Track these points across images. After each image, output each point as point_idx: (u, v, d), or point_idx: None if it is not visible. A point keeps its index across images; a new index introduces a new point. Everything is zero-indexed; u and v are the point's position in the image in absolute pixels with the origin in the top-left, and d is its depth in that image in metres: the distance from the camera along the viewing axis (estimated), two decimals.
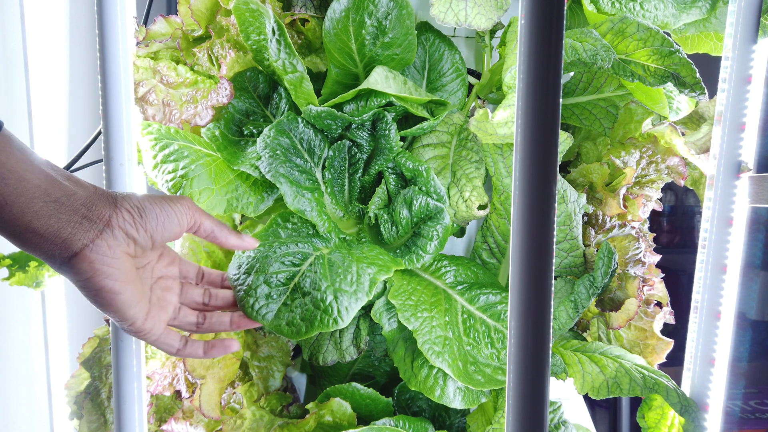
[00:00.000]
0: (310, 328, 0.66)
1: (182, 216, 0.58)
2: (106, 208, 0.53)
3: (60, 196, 0.51)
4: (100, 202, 0.53)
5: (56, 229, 0.51)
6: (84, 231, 0.52)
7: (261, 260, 0.69)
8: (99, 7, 0.65)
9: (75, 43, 1.11)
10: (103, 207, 0.53)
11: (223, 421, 0.78)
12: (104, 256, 0.52)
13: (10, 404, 0.99)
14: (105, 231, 0.52)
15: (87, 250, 0.52)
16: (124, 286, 0.54)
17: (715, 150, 0.78)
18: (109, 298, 0.54)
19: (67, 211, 0.51)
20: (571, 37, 0.74)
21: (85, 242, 0.51)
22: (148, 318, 0.58)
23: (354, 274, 0.71)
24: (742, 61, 0.76)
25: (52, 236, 0.50)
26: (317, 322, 0.66)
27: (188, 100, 0.79)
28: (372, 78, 0.75)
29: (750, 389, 1.98)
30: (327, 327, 0.66)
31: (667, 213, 2.28)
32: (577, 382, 0.76)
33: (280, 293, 0.67)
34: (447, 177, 0.83)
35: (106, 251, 0.52)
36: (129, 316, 0.55)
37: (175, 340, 0.61)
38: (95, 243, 0.52)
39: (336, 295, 0.68)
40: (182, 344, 0.62)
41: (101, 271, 0.52)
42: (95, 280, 0.53)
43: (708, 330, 0.78)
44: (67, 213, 0.51)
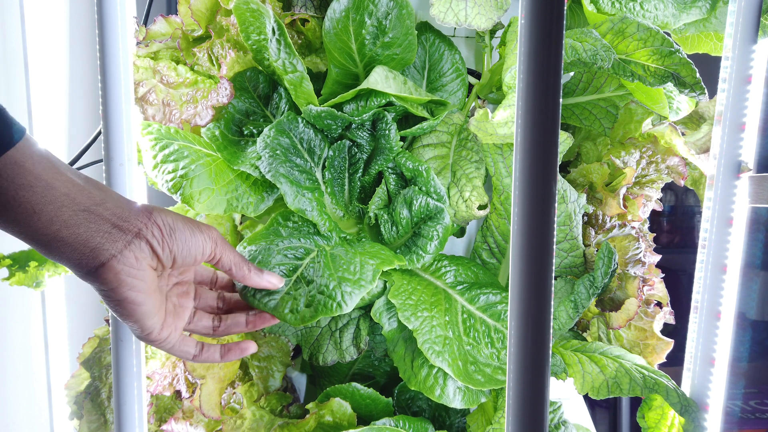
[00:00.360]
0: (314, 314, 0.66)
1: (207, 245, 0.59)
2: (139, 218, 0.53)
3: (90, 205, 0.51)
4: (132, 213, 0.53)
5: (84, 239, 0.50)
6: (113, 241, 0.51)
7: (263, 252, 0.69)
8: (99, 7, 0.65)
9: (75, 43, 1.11)
10: (135, 218, 0.53)
11: (223, 421, 0.78)
12: (131, 267, 0.52)
13: (10, 404, 0.99)
14: (133, 242, 0.52)
15: (114, 261, 0.51)
16: (146, 297, 0.54)
17: (715, 150, 0.78)
18: (130, 309, 0.54)
19: (96, 221, 0.51)
20: (571, 37, 0.74)
21: (113, 252, 0.51)
22: (164, 327, 0.58)
23: (357, 264, 0.71)
24: (742, 61, 0.76)
25: (80, 246, 0.50)
26: (321, 307, 0.66)
27: (188, 100, 0.79)
28: (372, 78, 0.75)
29: (750, 389, 1.98)
30: (331, 311, 0.66)
31: (667, 213, 2.28)
32: (577, 382, 0.76)
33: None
34: (447, 177, 0.83)
35: (133, 263, 0.52)
36: (147, 327, 0.56)
37: (191, 346, 0.61)
38: (123, 254, 0.52)
39: (339, 282, 0.68)
40: (198, 350, 0.62)
41: (126, 283, 0.52)
42: (120, 291, 0.52)
43: (708, 330, 0.78)
44: (96, 222, 0.51)
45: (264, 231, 0.73)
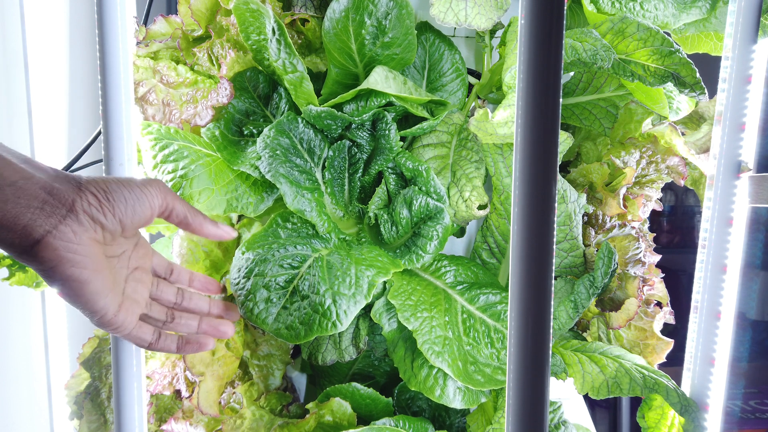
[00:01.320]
0: (309, 333, 0.66)
1: (153, 198, 0.55)
2: (69, 191, 0.50)
3: (16, 180, 0.47)
4: (63, 185, 0.49)
5: (13, 216, 0.47)
6: (45, 216, 0.48)
7: (260, 263, 0.69)
8: (99, 7, 0.65)
9: (75, 43, 1.11)
10: (65, 191, 0.49)
11: (223, 421, 0.78)
12: (69, 242, 0.49)
13: (10, 404, 0.99)
14: (69, 216, 0.49)
15: (50, 237, 0.48)
16: (93, 275, 0.50)
17: (715, 150, 0.78)
18: (76, 288, 0.50)
19: (24, 196, 0.47)
20: (571, 37, 0.74)
21: (47, 228, 0.48)
22: (121, 310, 0.54)
23: (353, 276, 0.71)
24: (742, 61, 0.76)
25: (10, 223, 0.47)
26: (316, 326, 0.67)
27: (188, 100, 0.79)
28: (372, 78, 0.75)
29: (750, 389, 1.98)
30: (326, 331, 0.66)
31: (667, 213, 2.28)
32: (577, 382, 0.76)
33: (279, 296, 0.68)
34: (447, 177, 0.83)
35: (71, 237, 0.49)
36: (99, 308, 0.52)
37: (147, 333, 0.58)
38: (58, 229, 0.48)
39: (335, 298, 0.68)
40: (155, 338, 0.59)
41: (66, 259, 0.49)
42: (60, 269, 0.49)
43: (708, 330, 0.78)
44: (26, 198, 0.47)
45: (262, 233, 0.73)
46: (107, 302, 0.53)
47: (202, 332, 0.63)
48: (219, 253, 0.82)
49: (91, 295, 0.51)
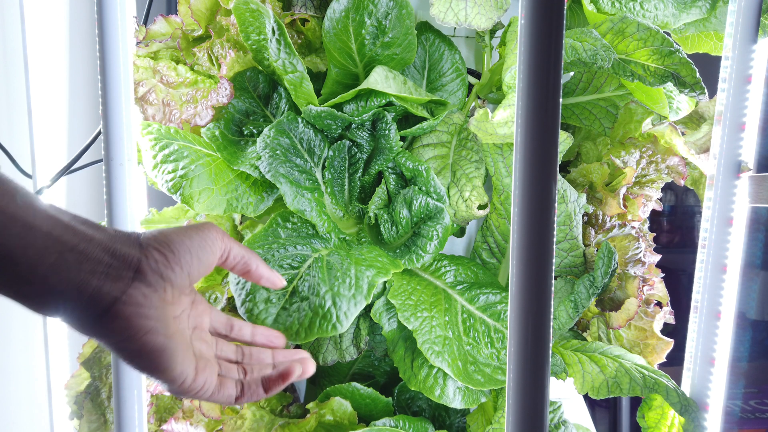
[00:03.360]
0: (309, 334, 0.66)
1: (213, 243, 0.51)
2: (133, 251, 0.45)
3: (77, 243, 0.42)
4: (124, 245, 0.45)
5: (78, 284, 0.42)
6: (112, 282, 0.43)
7: None
8: (99, 7, 0.65)
9: (75, 43, 1.11)
10: (128, 250, 0.45)
11: (224, 421, 0.78)
12: (141, 307, 0.44)
13: (10, 404, 0.99)
14: (136, 278, 0.44)
15: (120, 305, 0.43)
16: (167, 340, 0.46)
17: (715, 150, 0.78)
18: (153, 358, 0.45)
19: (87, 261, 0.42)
20: (571, 37, 0.74)
21: (115, 295, 0.43)
22: (198, 373, 0.49)
23: (352, 277, 0.71)
24: (742, 61, 0.76)
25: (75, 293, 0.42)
26: (316, 328, 0.66)
27: (188, 100, 0.79)
28: (372, 78, 0.75)
29: (750, 389, 1.98)
30: (326, 333, 0.66)
31: (667, 213, 2.28)
32: (577, 382, 0.76)
33: (279, 297, 0.67)
34: (447, 177, 0.83)
35: (142, 301, 0.44)
36: (177, 375, 0.47)
37: (231, 388, 0.53)
38: (127, 294, 0.44)
39: (334, 300, 0.68)
40: (240, 391, 0.53)
41: (140, 327, 0.44)
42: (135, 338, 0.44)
43: (708, 330, 0.78)
44: (89, 263, 0.42)
45: (262, 233, 0.73)
46: (184, 368, 0.48)
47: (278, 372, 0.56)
48: None
49: (168, 363, 0.46)
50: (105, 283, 0.43)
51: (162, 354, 0.46)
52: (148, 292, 0.45)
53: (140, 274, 0.45)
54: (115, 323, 0.43)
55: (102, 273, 0.43)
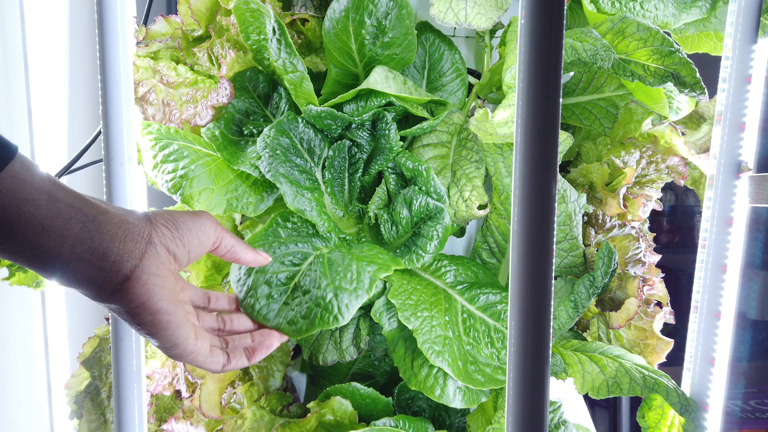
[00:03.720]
0: (311, 326, 0.66)
1: (209, 229, 0.55)
2: (143, 224, 0.49)
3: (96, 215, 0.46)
4: (135, 219, 0.49)
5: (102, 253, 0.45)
6: (130, 251, 0.47)
7: None
8: (99, 7, 0.65)
9: (75, 43, 1.11)
10: (140, 224, 0.49)
11: (224, 421, 0.78)
12: (155, 275, 0.48)
13: (10, 404, 0.99)
14: (149, 248, 0.48)
15: (138, 271, 0.47)
16: (175, 306, 0.50)
17: (715, 150, 0.78)
18: (165, 321, 0.49)
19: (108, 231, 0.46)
20: (571, 37, 0.74)
21: (134, 263, 0.47)
22: (198, 337, 0.54)
23: (354, 272, 0.71)
24: (742, 61, 0.76)
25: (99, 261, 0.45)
26: (318, 320, 0.66)
27: (188, 100, 0.80)
28: (372, 78, 0.75)
29: (750, 389, 1.98)
30: (328, 324, 0.66)
31: (667, 213, 2.28)
32: (577, 382, 0.76)
33: (281, 293, 0.68)
34: (447, 177, 0.83)
35: (156, 270, 0.48)
36: (182, 339, 0.51)
37: (220, 356, 0.57)
38: (143, 262, 0.47)
39: (336, 293, 0.68)
40: (226, 359, 0.58)
41: (155, 292, 0.48)
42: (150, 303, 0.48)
43: (708, 330, 0.78)
44: (108, 233, 0.46)
45: (263, 232, 0.73)
46: (188, 331, 0.52)
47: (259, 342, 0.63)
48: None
49: (176, 327, 0.50)
50: (124, 252, 0.46)
51: (172, 319, 0.50)
52: (159, 263, 0.49)
53: (152, 246, 0.49)
54: (134, 289, 0.47)
55: (120, 242, 0.46)
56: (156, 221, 0.51)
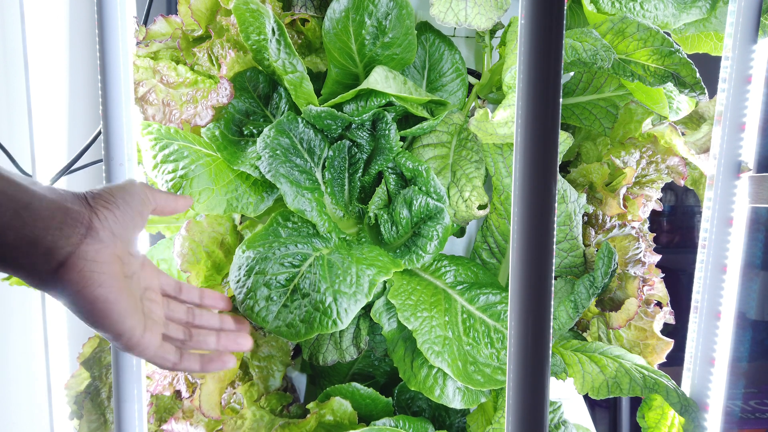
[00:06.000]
0: (310, 330, 0.66)
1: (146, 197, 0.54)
2: (83, 209, 0.48)
3: (30, 201, 0.44)
4: (74, 203, 0.47)
5: (33, 240, 0.44)
6: (66, 237, 0.45)
7: (260, 262, 0.69)
8: (99, 7, 0.65)
9: (75, 43, 1.11)
10: (79, 208, 0.47)
11: (224, 421, 0.78)
12: (93, 261, 0.46)
13: (10, 404, 0.99)
14: (89, 234, 0.47)
15: (74, 258, 0.46)
16: (118, 295, 0.48)
17: (715, 150, 0.78)
18: (104, 310, 0.48)
19: (41, 218, 0.45)
20: (571, 37, 0.74)
21: (69, 249, 0.45)
22: (146, 330, 0.52)
23: (353, 275, 0.71)
24: (742, 61, 0.76)
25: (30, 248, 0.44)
26: (317, 324, 0.66)
27: (188, 100, 0.79)
28: (372, 78, 0.75)
29: (750, 389, 1.98)
30: (326, 329, 0.66)
31: (667, 213, 2.28)
32: (577, 382, 0.76)
33: (280, 295, 0.68)
34: (447, 177, 0.83)
35: (95, 256, 0.47)
36: (126, 330, 0.50)
37: (170, 353, 0.55)
38: (80, 249, 0.46)
39: (335, 296, 0.68)
40: (178, 358, 0.56)
41: (92, 280, 0.46)
42: (87, 291, 0.46)
43: (708, 330, 0.78)
44: (42, 220, 0.45)
45: (263, 232, 0.73)
46: (133, 323, 0.50)
47: (222, 347, 0.61)
48: (221, 254, 0.82)
49: (118, 317, 0.49)
50: (59, 238, 0.45)
51: (113, 307, 0.48)
52: (100, 248, 0.47)
53: (92, 231, 0.47)
54: (69, 276, 0.45)
55: (56, 229, 0.45)
56: (96, 204, 0.49)
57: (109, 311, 0.48)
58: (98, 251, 0.47)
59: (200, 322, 0.62)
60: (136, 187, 0.54)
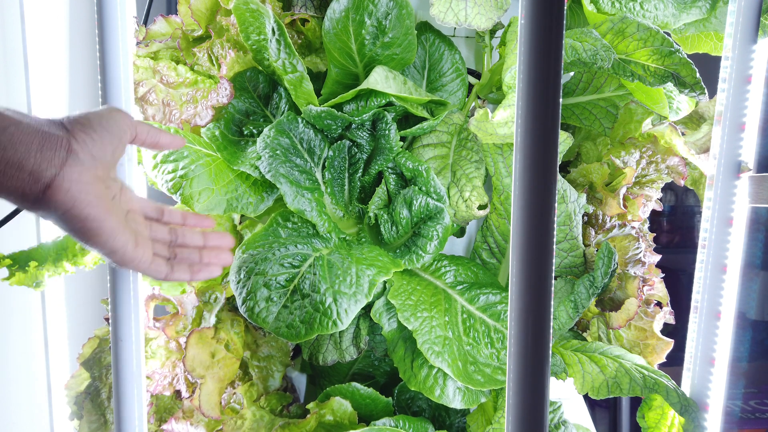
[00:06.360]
0: (310, 331, 0.66)
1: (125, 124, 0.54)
2: (61, 133, 0.49)
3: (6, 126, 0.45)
4: (51, 128, 0.48)
5: (18, 162, 0.45)
6: (48, 160, 0.47)
7: (260, 262, 0.69)
8: (99, 7, 0.65)
9: (75, 43, 1.11)
10: (56, 133, 0.48)
11: (224, 421, 0.78)
12: (78, 182, 0.48)
13: (10, 404, 0.99)
14: (69, 157, 0.48)
15: (59, 179, 0.47)
16: (107, 213, 0.50)
17: (715, 150, 0.78)
18: (96, 227, 0.50)
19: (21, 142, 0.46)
20: (571, 37, 0.74)
21: (53, 171, 0.47)
22: (138, 245, 0.54)
23: (353, 275, 0.71)
24: (742, 61, 0.76)
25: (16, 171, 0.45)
26: (317, 325, 0.66)
27: (188, 100, 0.79)
28: (372, 78, 0.75)
29: (750, 389, 1.98)
30: (327, 329, 0.66)
31: (667, 213, 2.28)
32: (577, 382, 0.76)
33: (280, 295, 0.68)
34: (447, 177, 0.83)
35: (78, 177, 0.48)
36: (120, 245, 0.52)
37: (162, 265, 0.58)
38: (64, 170, 0.47)
39: (335, 297, 0.68)
40: (170, 269, 0.59)
41: (80, 199, 0.48)
42: (77, 210, 0.48)
43: (708, 330, 0.78)
44: (22, 144, 0.46)
45: (263, 232, 0.73)
46: (125, 238, 0.53)
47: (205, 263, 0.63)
48: None
49: (111, 232, 0.51)
50: (41, 161, 0.46)
51: (104, 225, 0.50)
52: (82, 170, 0.48)
53: (72, 154, 0.48)
54: (57, 197, 0.47)
55: (37, 152, 0.46)
56: (73, 128, 0.50)
57: (101, 228, 0.50)
58: (81, 173, 0.48)
59: (183, 241, 0.63)
60: (114, 113, 0.55)
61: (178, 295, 0.81)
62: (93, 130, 0.51)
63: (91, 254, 0.82)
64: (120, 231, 0.52)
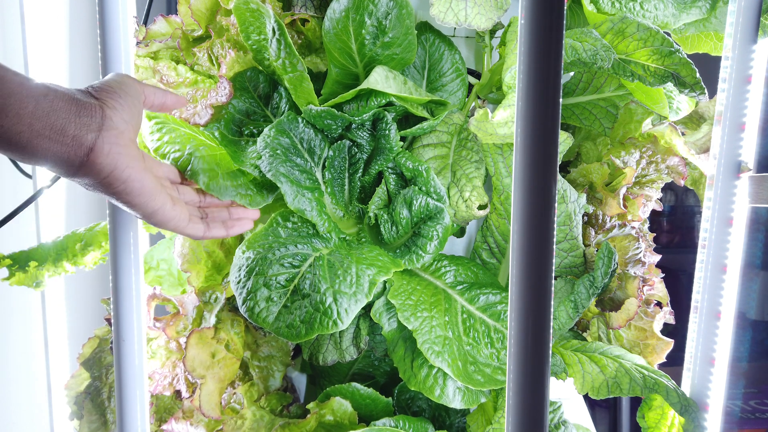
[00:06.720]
0: (310, 331, 0.66)
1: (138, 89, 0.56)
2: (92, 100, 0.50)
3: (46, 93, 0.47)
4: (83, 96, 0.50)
5: (61, 127, 0.46)
6: (86, 125, 0.48)
7: (260, 262, 0.69)
8: (99, 7, 0.65)
9: (75, 43, 1.11)
10: (89, 100, 0.50)
11: (224, 421, 0.78)
12: (116, 145, 0.49)
13: (10, 404, 0.99)
14: (105, 122, 0.49)
15: (100, 142, 0.48)
16: (145, 174, 0.52)
17: (715, 150, 0.78)
18: (138, 187, 0.51)
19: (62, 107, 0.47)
20: (571, 37, 0.74)
21: (94, 135, 0.48)
22: (176, 204, 0.56)
23: (353, 275, 0.71)
24: (742, 61, 0.76)
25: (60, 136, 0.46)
26: (317, 325, 0.66)
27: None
28: (372, 78, 0.75)
29: (750, 389, 1.98)
30: (327, 329, 0.66)
31: (667, 213, 2.28)
32: (577, 382, 0.76)
33: (280, 295, 0.68)
34: (447, 177, 0.83)
35: (116, 140, 0.49)
36: (159, 204, 0.54)
37: (199, 224, 0.61)
38: (102, 134, 0.48)
39: (335, 297, 0.68)
40: (206, 226, 0.62)
41: (121, 162, 0.49)
42: (119, 171, 0.49)
43: (708, 330, 0.78)
44: (63, 109, 0.47)
45: (263, 232, 0.73)
46: (163, 198, 0.55)
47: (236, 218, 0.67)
48: (221, 254, 0.82)
49: (150, 193, 0.53)
50: (81, 127, 0.48)
51: (144, 185, 0.52)
52: (118, 133, 0.50)
53: (107, 119, 0.50)
54: (100, 160, 0.48)
55: (75, 116, 0.47)
56: (101, 96, 0.51)
57: (142, 189, 0.52)
58: (117, 136, 0.50)
59: (211, 201, 0.67)
60: (126, 78, 0.56)
61: (178, 295, 0.81)
62: (119, 95, 0.52)
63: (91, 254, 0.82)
64: (157, 191, 0.54)
